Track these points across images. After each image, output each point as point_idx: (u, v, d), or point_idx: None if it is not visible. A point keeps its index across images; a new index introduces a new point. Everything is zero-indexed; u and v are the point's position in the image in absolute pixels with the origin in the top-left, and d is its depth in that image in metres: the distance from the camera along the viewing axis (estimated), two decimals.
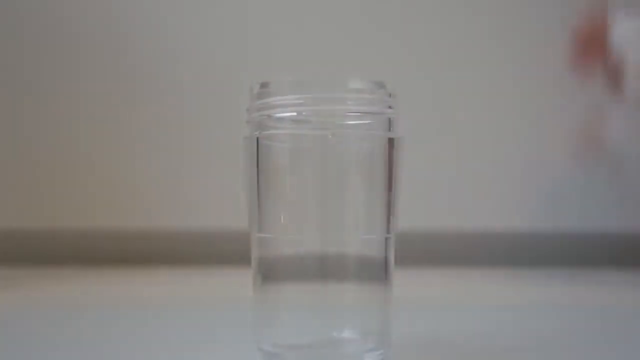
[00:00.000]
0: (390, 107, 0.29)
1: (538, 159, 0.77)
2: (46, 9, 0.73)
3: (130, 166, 0.74)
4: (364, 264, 0.30)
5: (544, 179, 0.77)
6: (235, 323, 0.40)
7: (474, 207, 0.75)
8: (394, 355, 0.31)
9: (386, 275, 0.30)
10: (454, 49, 0.71)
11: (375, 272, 0.30)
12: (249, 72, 0.70)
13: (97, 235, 0.72)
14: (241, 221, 0.32)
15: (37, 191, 0.73)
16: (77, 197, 0.73)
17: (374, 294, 0.30)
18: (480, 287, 0.60)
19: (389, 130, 0.30)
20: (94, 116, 0.74)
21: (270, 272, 0.30)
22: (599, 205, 0.75)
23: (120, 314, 0.45)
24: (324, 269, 0.29)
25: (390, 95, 0.29)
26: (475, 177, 0.76)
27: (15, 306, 0.47)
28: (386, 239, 0.30)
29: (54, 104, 0.73)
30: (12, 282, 0.59)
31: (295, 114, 0.29)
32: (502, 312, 0.46)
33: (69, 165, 0.73)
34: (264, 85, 0.29)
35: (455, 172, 0.76)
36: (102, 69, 0.74)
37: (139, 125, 0.74)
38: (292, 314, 0.30)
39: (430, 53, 0.75)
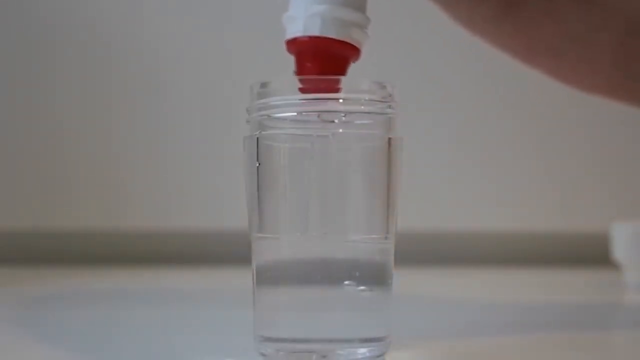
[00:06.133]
0: (390, 107, 0.29)
1: (539, 158, 0.77)
2: (42, 7, 0.73)
3: (130, 166, 0.74)
4: (364, 264, 0.30)
5: (545, 179, 0.77)
6: (234, 324, 0.40)
7: (474, 207, 0.75)
8: (395, 356, 0.31)
9: (386, 275, 0.30)
10: (455, 48, 0.71)
11: (375, 272, 0.30)
12: (249, 72, 0.70)
13: (95, 235, 0.72)
14: (241, 221, 0.32)
15: (35, 191, 0.73)
16: (76, 196, 0.73)
17: (374, 295, 0.30)
18: (481, 287, 0.60)
19: (389, 130, 0.30)
20: (92, 115, 0.74)
21: (271, 273, 0.30)
22: (602, 205, 0.76)
23: (119, 313, 0.45)
24: (324, 269, 0.29)
25: (390, 95, 0.29)
26: (475, 177, 0.76)
27: (14, 306, 0.48)
28: (386, 238, 0.30)
29: (53, 103, 0.73)
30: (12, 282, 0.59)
31: (295, 114, 0.29)
32: (504, 312, 0.46)
33: (65, 164, 0.73)
34: (264, 85, 0.29)
35: (455, 172, 0.76)
36: (100, 67, 0.74)
37: (138, 124, 0.74)
38: (292, 314, 0.30)
39: (431, 52, 0.75)
